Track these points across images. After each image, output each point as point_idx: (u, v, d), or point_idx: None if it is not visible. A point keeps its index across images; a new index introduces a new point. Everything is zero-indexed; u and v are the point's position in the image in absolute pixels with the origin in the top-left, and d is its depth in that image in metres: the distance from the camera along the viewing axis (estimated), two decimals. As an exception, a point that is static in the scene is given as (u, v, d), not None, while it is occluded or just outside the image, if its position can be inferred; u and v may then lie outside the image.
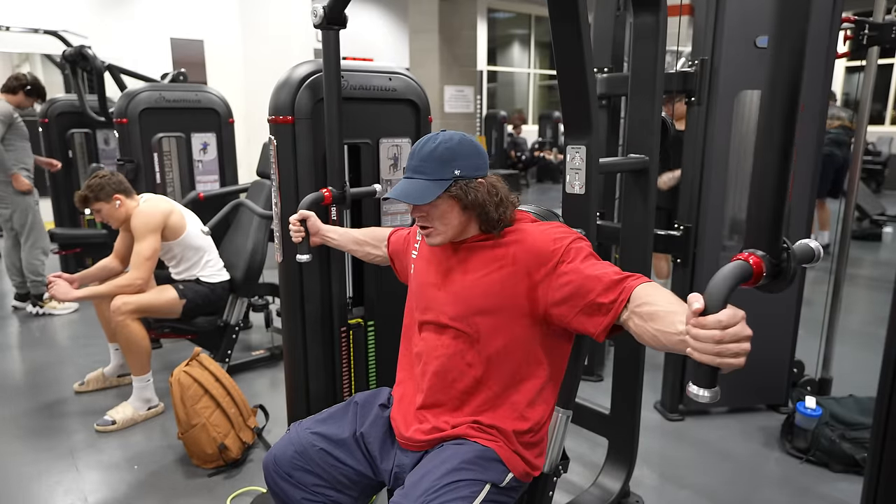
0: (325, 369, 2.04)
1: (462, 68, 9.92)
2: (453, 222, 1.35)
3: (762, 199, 0.96)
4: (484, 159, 1.38)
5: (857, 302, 4.54)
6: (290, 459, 1.41)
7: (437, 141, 1.34)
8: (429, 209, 1.34)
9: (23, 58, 7.05)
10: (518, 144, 11.63)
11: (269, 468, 1.44)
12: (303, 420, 1.51)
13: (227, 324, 3.08)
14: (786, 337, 2.75)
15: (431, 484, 1.24)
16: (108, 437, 2.65)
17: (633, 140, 1.97)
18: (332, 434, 1.44)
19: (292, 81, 1.86)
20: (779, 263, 0.97)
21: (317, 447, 1.41)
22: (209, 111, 3.73)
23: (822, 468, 2.37)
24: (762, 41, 2.42)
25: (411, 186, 1.32)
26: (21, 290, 4.31)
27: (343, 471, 1.42)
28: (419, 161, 1.34)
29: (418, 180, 1.33)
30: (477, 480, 1.27)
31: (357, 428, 1.45)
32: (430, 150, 1.33)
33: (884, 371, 1.15)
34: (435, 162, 1.32)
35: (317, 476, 1.41)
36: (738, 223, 2.73)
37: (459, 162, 1.33)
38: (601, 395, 2.65)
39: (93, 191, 2.69)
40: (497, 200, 1.34)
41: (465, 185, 1.32)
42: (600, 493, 2.10)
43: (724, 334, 0.87)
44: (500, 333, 1.33)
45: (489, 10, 12.60)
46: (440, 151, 1.32)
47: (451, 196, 1.32)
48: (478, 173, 1.35)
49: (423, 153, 1.34)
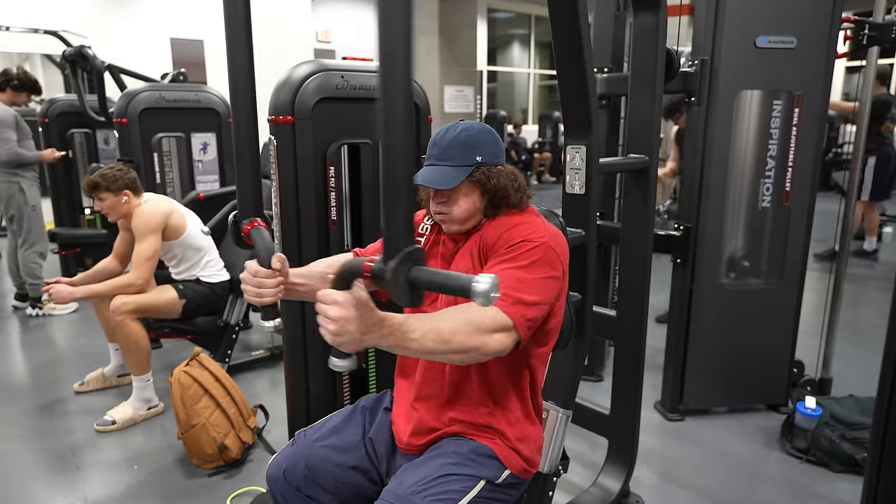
0: (325, 369, 2.04)
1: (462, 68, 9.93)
2: (472, 208, 1.36)
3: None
4: (502, 148, 1.40)
5: (858, 302, 4.54)
6: (301, 474, 1.38)
7: (458, 129, 1.36)
8: (450, 194, 1.35)
9: (23, 58, 7.05)
10: (518, 144, 11.63)
11: (276, 481, 1.40)
12: (307, 430, 1.47)
13: (227, 324, 3.08)
14: (786, 337, 2.75)
15: (424, 475, 1.25)
16: (108, 437, 2.65)
17: (633, 140, 1.97)
18: (341, 444, 1.41)
19: (292, 81, 1.86)
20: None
21: (329, 462, 1.39)
22: (209, 111, 3.73)
23: (822, 468, 2.37)
24: (762, 41, 2.42)
25: (436, 172, 1.34)
26: (21, 290, 4.31)
27: (355, 486, 1.40)
28: (441, 149, 1.35)
29: (442, 166, 1.34)
30: (471, 476, 1.27)
31: (366, 433, 1.45)
32: (451, 137, 1.35)
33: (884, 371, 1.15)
34: (458, 148, 1.34)
35: (328, 492, 1.39)
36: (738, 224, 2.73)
37: (481, 148, 1.35)
38: (601, 395, 2.66)
39: (106, 180, 2.69)
40: (517, 186, 1.36)
41: (487, 171, 1.34)
42: (600, 493, 2.10)
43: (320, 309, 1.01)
44: None
45: (489, 10, 12.59)
46: (462, 138, 1.34)
47: (474, 181, 1.34)
48: (498, 160, 1.37)
49: (444, 141, 1.35)
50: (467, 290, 0.90)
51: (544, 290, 1.24)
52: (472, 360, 1.19)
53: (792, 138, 2.53)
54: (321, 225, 1.92)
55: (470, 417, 1.35)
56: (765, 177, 2.58)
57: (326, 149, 1.92)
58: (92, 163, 4.71)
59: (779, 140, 2.54)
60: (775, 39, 2.43)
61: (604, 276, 3.09)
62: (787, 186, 2.58)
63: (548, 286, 1.25)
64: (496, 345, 1.15)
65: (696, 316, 2.65)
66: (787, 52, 2.45)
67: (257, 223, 1.32)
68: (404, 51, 0.88)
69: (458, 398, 1.36)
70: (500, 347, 1.16)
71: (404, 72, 0.89)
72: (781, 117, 2.52)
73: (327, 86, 1.85)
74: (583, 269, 1.75)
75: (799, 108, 2.50)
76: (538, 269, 1.25)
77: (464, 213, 1.36)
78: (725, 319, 2.67)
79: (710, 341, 2.69)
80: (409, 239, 0.93)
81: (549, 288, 1.25)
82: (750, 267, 2.74)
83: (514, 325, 1.18)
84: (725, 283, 2.68)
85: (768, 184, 2.59)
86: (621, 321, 2.12)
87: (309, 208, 1.89)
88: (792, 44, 2.44)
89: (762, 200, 2.61)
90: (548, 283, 1.25)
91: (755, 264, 2.75)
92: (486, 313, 1.15)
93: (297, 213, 1.88)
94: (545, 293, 1.24)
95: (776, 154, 2.55)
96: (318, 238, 1.92)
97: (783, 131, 2.53)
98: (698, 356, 2.70)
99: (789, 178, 2.57)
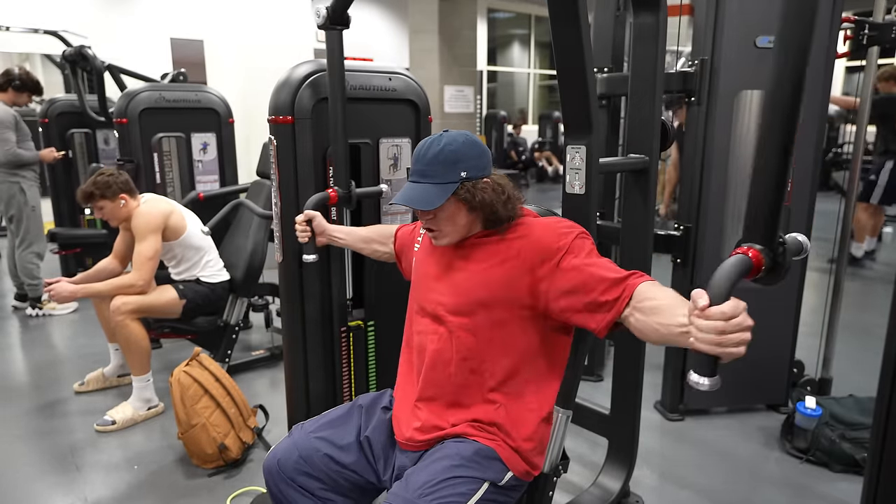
0: (325, 370, 2.04)
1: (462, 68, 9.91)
2: (460, 223, 1.35)
3: (762, 195, 0.98)
4: (488, 158, 1.38)
5: (858, 302, 4.54)
6: (294, 464, 1.40)
7: (441, 143, 1.32)
8: (436, 212, 1.34)
9: (23, 58, 7.05)
10: (518, 144, 11.63)
11: (271, 472, 1.42)
12: (305, 423, 1.50)
13: (227, 324, 3.08)
14: (786, 337, 2.75)
15: (429, 478, 1.24)
16: (108, 437, 2.65)
17: (633, 140, 1.97)
18: (336, 439, 1.43)
19: (292, 81, 1.86)
20: (775, 256, 1.00)
21: (321, 452, 1.40)
22: (209, 111, 3.73)
23: (822, 468, 2.37)
24: (762, 41, 2.42)
25: (418, 191, 1.32)
26: (21, 290, 4.31)
27: (347, 476, 1.41)
28: (424, 165, 1.33)
29: (425, 185, 1.32)
30: (475, 478, 1.27)
31: (362, 431, 1.45)
32: (434, 153, 1.32)
33: (884, 371, 1.15)
34: (440, 165, 1.31)
35: (320, 481, 1.40)
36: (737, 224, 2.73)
37: (465, 163, 1.32)
38: (601, 395, 2.65)
39: (99, 188, 2.69)
40: (504, 199, 1.34)
41: (471, 187, 1.32)
42: (600, 493, 2.10)
43: (727, 325, 0.91)
44: (498, 327, 1.33)
45: (489, 10, 12.59)
46: (445, 154, 1.31)
47: (459, 199, 1.32)
48: (483, 173, 1.35)
49: (427, 157, 1.32)
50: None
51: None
52: None
53: (792, 138, 2.53)
54: (321, 225, 1.92)
55: (476, 415, 1.35)
56: (765, 177, 2.58)
57: (326, 149, 1.92)
58: (92, 163, 4.72)
59: (779, 140, 2.53)
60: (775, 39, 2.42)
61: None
62: (787, 186, 2.57)
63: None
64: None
65: (696, 316, 2.65)
66: (787, 52, 2.45)
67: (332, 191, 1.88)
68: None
69: (463, 399, 1.36)
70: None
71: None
72: (781, 117, 2.51)
73: (327, 86, 1.85)
74: (583, 269, 1.75)
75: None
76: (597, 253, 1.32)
77: (452, 230, 1.36)
78: (725, 319, 2.67)
79: (710, 341, 2.68)
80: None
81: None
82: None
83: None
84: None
85: (768, 184, 2.58)
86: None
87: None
88: (792, 44, 2.44)
89: (762, 200, 2.60)
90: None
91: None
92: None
93: (297, 213, 1.88)
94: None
95: (776, 154, 2.55)
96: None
97: (783, 131, 2.52)
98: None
99: (789, 178, 2.57)
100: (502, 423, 1.34)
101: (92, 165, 4.55)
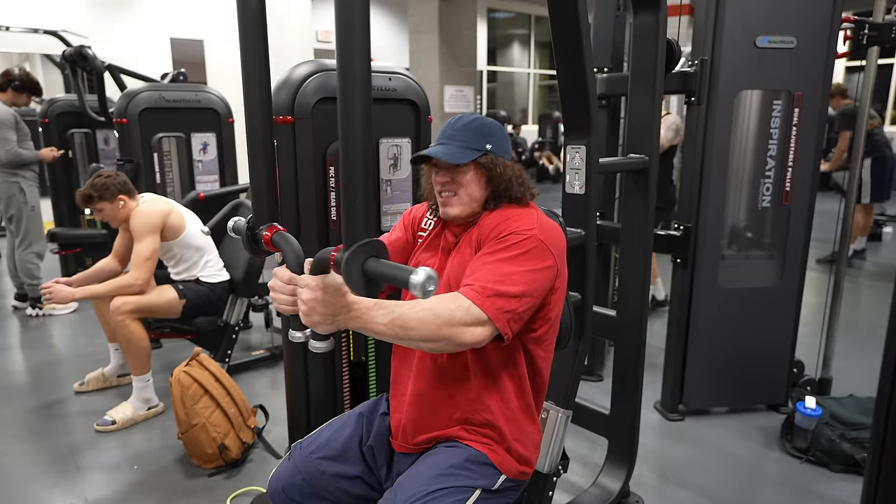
0: (325, 369, 2.04)
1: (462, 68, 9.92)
2: (475, 193, 1.36)
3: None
4: (509, 147, 1.43)
5: (858, 302, 4.54)
6: (300, 488, 1.38)
7: (471, 117, 1.39)
8: (455, 175, 1.35)
9: (23, 58, 7.05)
10: (518, 144, 11.64)
11: (276, 498, 1.41)
12: (303, 442, 1.47)
13: (227, 324, 3.08)
14: (785, 337, 2.75)
15: (417, 489, 1.23)
16: (108, 437, 2.65)
17: (633, 140, 1.97)
18: (339, 455, 1.41)
19: (292, 81, 1.86)
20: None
21: (328, 474, 1.39)
22: (209, 111, 3.73)
23: (822, 468, 2.37)
24: (762, 41, 2.42)
25: (445, 148, 1.35)
26: (21, 290, 4.31)
27: (357, 490, 1.40)
28: (454, 131, 1.37)
29: (451, 145, 1.35)
30: (466, 487, 1.26)
31: (364, 441, 1.44)
32: (465, 122, 1.37)
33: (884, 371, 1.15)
34: (470, 132, 1.36)
35: (330, 502, 1.39)
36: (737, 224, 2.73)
37: (492, 138, 1.37)
38: (601, 395, 2.66)
39: (97, 190, 2.69)
40: (521, 181, 1.38)
41: (494, 159, 1.36)
42: (600, 493, 2.10)
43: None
44: None
45: (489, 10, 12.60)
46: (475, 125, 1.37)
47: (481, 165, 1.35)
48: (505, 155, 1.40)
49: (458, 125, 1.38)
50: (406, 282, 0.94)
51: (530, 283, 1.23)
52: (444, 349, 1.22)
53: (792, 138, 2.53)
54: (321, 225, 1.92)
55: (467, 415, 1.34)
56: (765, 177, 2.58)
57: (326, 149, 1.91)
58: (92, 163, 4.72)
59: (779, 140, 2.54)
60: (775, 39, 2.43)
61: (604, 276, 3.09)
62: (786, 186, 2.58)
63: (534, 278, 1.24)
64: (469, 337, 1.16)
65: (696, 316, 2.65)
66: (787, 52, 2.45)
67: (278, 228, 1.26)
68: (361, 59, 0.94)
69: (453, 398, 1.35)
70: (473, 340, 1.17)
71: (363, 79, 0.95)
72: (781, 117, 2.52)
73: (327, 86, 1.85)
74: (583, 269, 1.75)
75: (799, 108, 2.51)
76: (524, 261, 1.24)
77: (467, 195, 1.35)
78: (725, 319, 2.67)
79: (710, 341, 2.69)
80: (365, 232, 0.99)
81: (535, 280, 1.24)
82: (752, 239, 2.74)
83: (490, 319, 1.18)
84: (725, 283, 2.68)
85: (768, 184, 2.59)
86: (621, 321, 2.12)
87: (309, 208, 1.88)
88: (792, 44, 2.45)
89: (762, 200, 2.61)
90: (535, 275, 1.24)
91: (757, 237, 2.74)
92: (460, 306, 1.17)
93: (297, 213, 1.88)
94: (531, 285, 1.23)
95: (776, 154, 2.56)
96: (318, 238, 1.91)
97: (783, 131, 2.53)
98: (698, 356, 2.70)
99: (789, 178, 2.57)
100: (493, 422, 1.33)
101: (92, 165, 4.55)
